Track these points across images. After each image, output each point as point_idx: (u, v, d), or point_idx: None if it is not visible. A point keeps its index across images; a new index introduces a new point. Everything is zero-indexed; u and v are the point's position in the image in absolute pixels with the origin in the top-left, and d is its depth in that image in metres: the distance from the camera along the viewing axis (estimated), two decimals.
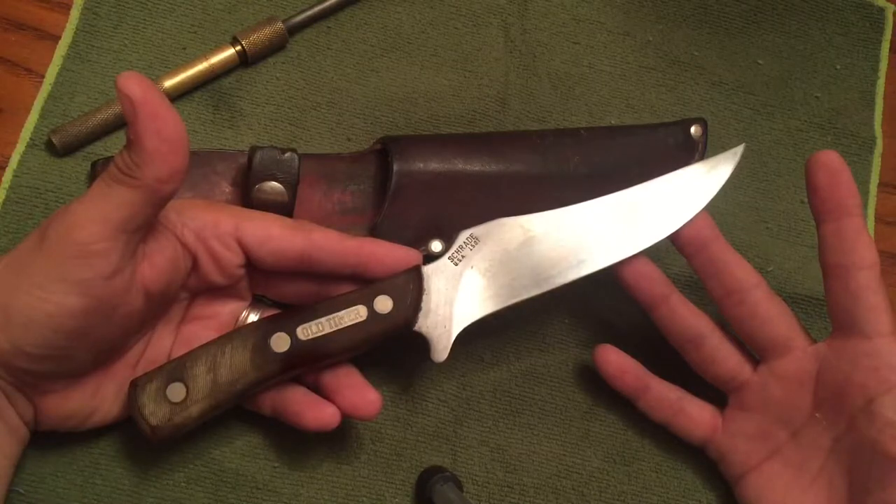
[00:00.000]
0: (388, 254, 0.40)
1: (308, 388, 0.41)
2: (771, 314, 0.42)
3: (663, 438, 0.46)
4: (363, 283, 0.40)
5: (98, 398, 0.38)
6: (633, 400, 0.46)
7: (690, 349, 0.44)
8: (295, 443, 0.43)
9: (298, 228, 0.39)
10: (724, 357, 0.44)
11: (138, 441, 0.40)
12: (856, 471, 0.40)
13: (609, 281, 0.44)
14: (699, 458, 0.46)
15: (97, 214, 0.33)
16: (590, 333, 0.48)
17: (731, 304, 0.43)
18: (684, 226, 0.43)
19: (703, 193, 0.43)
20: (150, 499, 0.41)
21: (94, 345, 0.36)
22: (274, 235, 0.39)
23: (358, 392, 0.40)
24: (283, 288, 0.41)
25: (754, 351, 0.44)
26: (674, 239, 0.43)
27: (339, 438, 0.44)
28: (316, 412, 0.39)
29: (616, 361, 0.45)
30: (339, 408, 0.39)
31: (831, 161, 0.41)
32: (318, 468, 0.43)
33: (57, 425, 0.38)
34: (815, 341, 0.42)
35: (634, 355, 0.46)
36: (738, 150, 0.44)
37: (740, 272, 0.42)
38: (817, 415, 0.42)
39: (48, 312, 0.33)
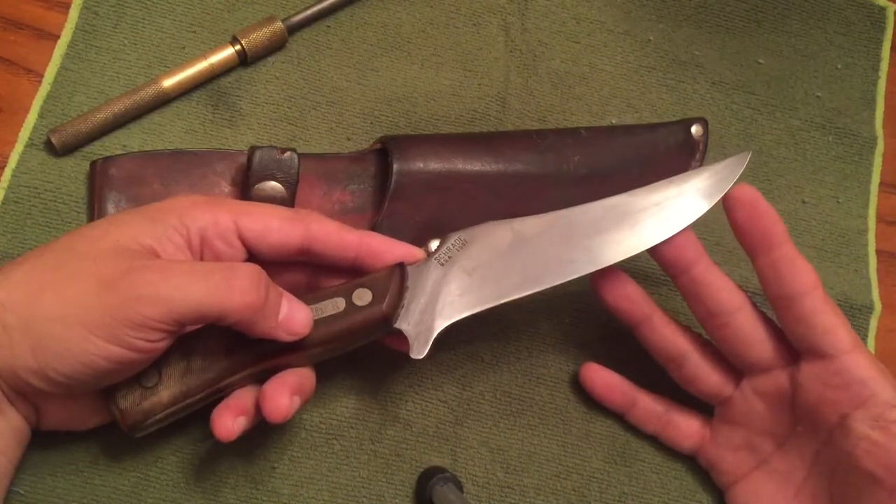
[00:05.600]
0: (387, 250, 0.40)
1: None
2: (752, 338, 0.42)
3: None
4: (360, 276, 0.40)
5: (100, 401, 0.38)
6: (621, 414, 0.46)
7: (673, 368, 0.44)
8: (295, 442, 0.43)
9: (297, 219, 0.39)
10: (706, 376, 0.44)
11: (138, 442, 0.40)
12: (836, 483, 0.41)
13: None
14: None
15: (179, 297, 0.34)
16: (590, 334, 0.48)
17: (714, 326, 0.42)
18: (667, 247, 0.42)
19: (703, 200, 0.42)
20: (149, 499, 0.41)
21: (115, 380, 0.36)
22: (273, 228, 0.38)
23: (274, 394, 0.37)
24: (278, 279, 0.41)
25: (737, 366, 0.44)
26: (656, 259, 0.43)
27: (339, 438, 0.44)
28: (221, 418, 0.37)
29: (601, 379, 0.46)
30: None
31: (746, 195, 0.40)
32: (318, 468, 0.43)
33: (59, 426, 0.38)
34: (795, 360, 0.42)
35: (632, 355, 0.46)
36: (744, 158, 0.43)
37: (723, 295, 0.42)
38: (799, 428, 0.42)
39: (89, 352, 0.33)
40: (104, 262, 0.34)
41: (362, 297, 0.39)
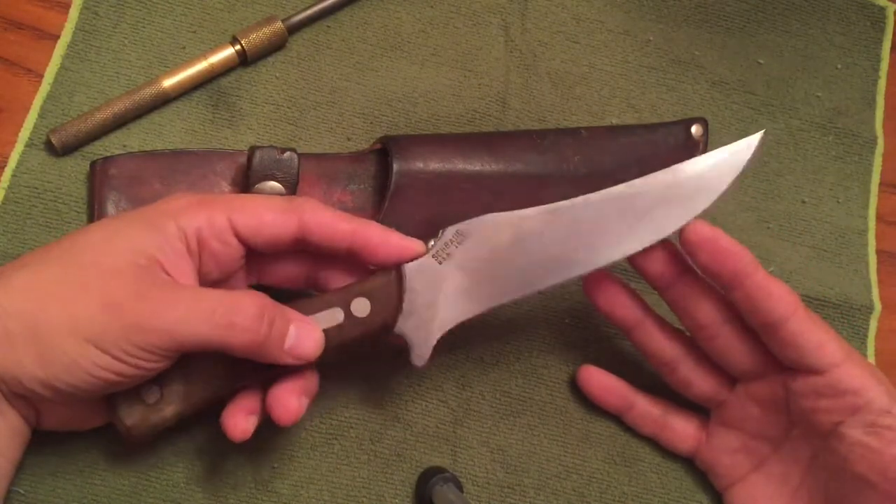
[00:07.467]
0: (383, 242, 0.39)
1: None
2: (742, 348, 0.42)
3: None
4: (362, 266, 0.40)
5: (100, 402, 0.38)
6: (619, 416, 0.46)
7: (667, 372, 0.44)
8: (295, 443, 0.43)
9: (290, 210, 0.38)
10: (700, 380, 0.44)
11: None
12: (831, 487, 0.41)
13: None
14: None
15: (182, 332, 0.34)
16: (589, 334, 0.48)
17: (704, 338, 0.42)
18: (650, 262, 0.41)
19: (714, 187, 0.40)
20: (149, 499, 0.41)
21: (121, 388, 0.36)
22: (266, 222, 0.38)
23: (282, 397, 0.38)
24: (277, 272, 0.41)
25: (731, 373, 0.44)
26: (640, 272, 0.42)
27: (339, 438, 0.44)
28: (233, 419, 0.38)
29: (599, 382, 0.46)
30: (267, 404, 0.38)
31: (705, 235, 0.39)
32: (318, 468, 0.43)
33: (59, 426, 0.38)
34: (787, 368, 0.41)
35: (632, 356, 0.46)
36: (754, 140, 0.41)
37: (710, 308, 0.41)
38: (795, 432, 0.42)
39: (98, 365, 0.34)
40: (111, 281, 0.34)
41: (361, 307, 0.38)
